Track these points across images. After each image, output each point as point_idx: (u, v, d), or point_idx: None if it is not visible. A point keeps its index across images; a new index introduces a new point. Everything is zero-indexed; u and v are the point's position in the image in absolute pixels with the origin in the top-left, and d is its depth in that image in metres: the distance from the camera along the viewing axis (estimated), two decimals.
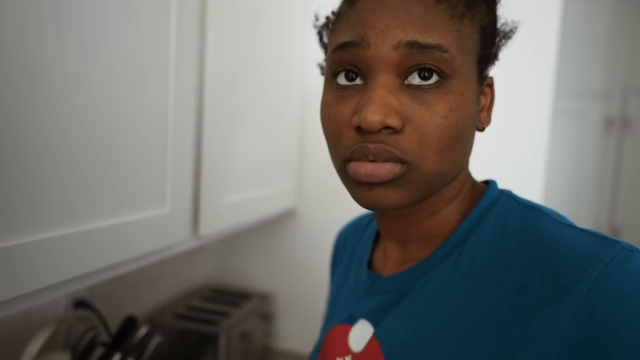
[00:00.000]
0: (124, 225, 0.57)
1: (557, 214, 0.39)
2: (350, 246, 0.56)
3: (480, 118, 0.41)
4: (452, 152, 0.36)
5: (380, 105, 0.33)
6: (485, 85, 0.42)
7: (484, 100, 0.42)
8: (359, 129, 0.35)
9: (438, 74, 0.35)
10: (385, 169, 0.34)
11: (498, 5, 0.41)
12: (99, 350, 0.69)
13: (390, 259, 0.45)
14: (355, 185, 0.37)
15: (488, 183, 0.44)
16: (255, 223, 1.01)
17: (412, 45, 0.33)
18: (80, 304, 0.88)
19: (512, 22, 0.41)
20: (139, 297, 1.09)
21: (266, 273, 1.34)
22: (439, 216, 0.41)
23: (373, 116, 0.33)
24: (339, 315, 0.50)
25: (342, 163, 0.37)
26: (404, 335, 0.39)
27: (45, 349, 0.67)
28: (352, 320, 0.46)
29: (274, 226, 1.31)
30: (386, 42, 0.34)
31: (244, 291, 1.31)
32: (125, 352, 0.67)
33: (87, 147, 0.50)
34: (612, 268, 0.32)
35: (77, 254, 0.50)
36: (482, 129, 0.41)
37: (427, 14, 0.34)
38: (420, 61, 0.34)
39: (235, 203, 0.86)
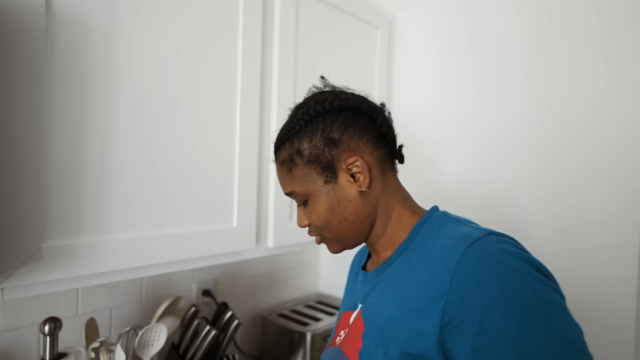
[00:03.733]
0: (198, 232, 0.87)
1: (468, 220, 0.63)
2: (357, 262, 0.80)
3: (355, 187, 0.64)
4: (339, 226, 0.65)
5: (298, 217, 0.70)
6: (347, 170, 0.63)
7: (354, 178, 0.64)
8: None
9: (303, 201, 0.66)
10: (317, 239, 0.70)
11: (303, 141, 0.64)
12: (198, 322, 1.01)
13: (373, 263, 0.72)
14: None
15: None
16: None
17: (286, 194, 0.68)
18: (206, 292, 1.24)
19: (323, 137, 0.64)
20: (258, 296, 1.41)
21: None
22: (384, 238, 0.67)
23: (298, 224, 0.70)
24: (345, 306, 0.76)
25: None
26: (374, 302, 0.64)
27: (167, 314, 1.02)
28: (354, 307, 0.70)
29: None
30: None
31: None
32: (214, 325, 0.95)
33: (175, 173, 0.83)
34: (472, 247, 0.53)
35: (159, 248, 0.82)
36: (365, 189, 0.63)
37: (282, 177, 0.67)
38: (294, 199, 0.67)
39: None
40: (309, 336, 1.25)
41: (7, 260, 0.63)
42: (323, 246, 1.63)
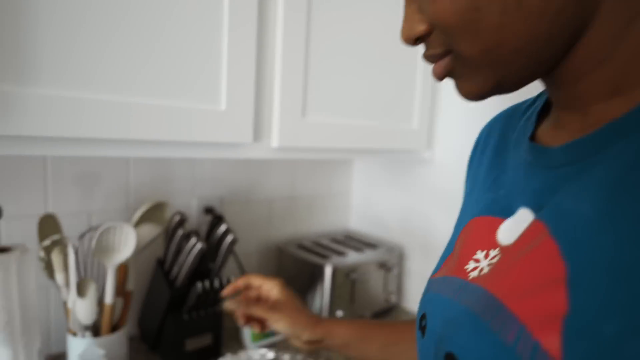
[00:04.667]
0: (176, 108, 0.65)
1: None
2: (497, 134, 0.46)
3: None
4: (499, 21, 0.30)
5: (404, 23, 0.35)
6: None
7: None
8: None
9: None
10: (439, 66, 0.35)
11: None
12: (182, 233, 0.82)
13: (564, 128, 0.35)
14: None
15: None
16: (360, 152, 0.96)
17: None
18: (209, 210, 1.05)
19: None
20: (274, 224, 1.21)
21: (400, 227, 1.24)
22: (609, 72, 0.30)
23: (402, 37, 0.36)
24: (471, 209, 0.42)
25: None
26: (588, 211, 0.28)
27: (147, 221, 0.84)
28: (504, 213, 0.37)
29: (407, 174, 1.20)
30: None
31: (374, 241, 1.25)
32: (200, 238, 0.75)
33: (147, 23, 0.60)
34: None
35: (128, 120, 0.61)
36: None
37: None
38: None
39: (325, 125, 0.85)
40: (328, 270, 1.03)
41: None
42: (357, 168, 1.38)
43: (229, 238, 0.84)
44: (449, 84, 1.09)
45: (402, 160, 1.22)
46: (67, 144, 0.58)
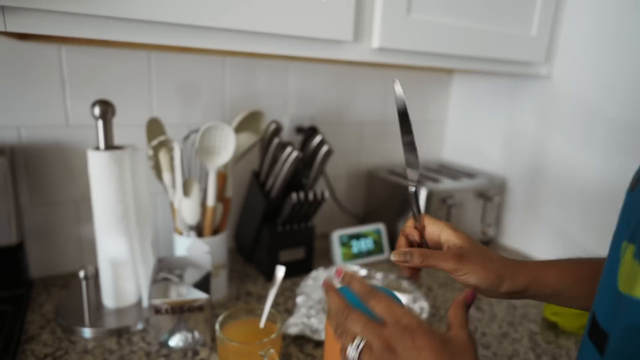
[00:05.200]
0: None
1: None
2: None
3: None
4: None
5: None
6: None
7: None
8: None
9: None
10: None
11: None
12: (277, 141, 0.80)
13: None
14: None
15: None
16: (463, 58, 0.86)
17: None
18: (300, 130, 1.03)
19: None
20: (364, 147, 1.16)
21: (503, 157, 1.12)
22: None
23: None
24: None
25: None
26: None
27: (244, 130, 0.83)
28: None
29: (516, 94, 1.07)
30: None
31: (472, 170, 1.16)
32: (295, 147, 0.73)
33: None
34: None
35: (227, 8, 0.58)
36: None
37: None
38: None
39: (431, 24, 0.76)
40: (423, 194, 0.97)
41: None
42: (456, 90, 1.26)
43: (324, 149, 0.81)
44: None
45: (511, 78, 1.08)
46: (169, 31, 0.57)
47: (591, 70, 0.90)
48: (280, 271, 0.61)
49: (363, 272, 0.84)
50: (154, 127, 0.75)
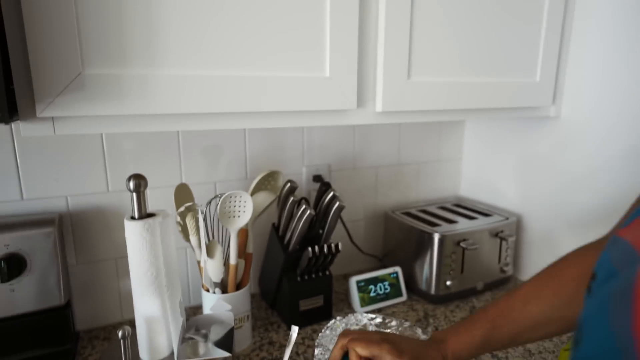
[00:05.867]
0: (285, 78, 0.67)
1: None
2: None
3: None
4: None
5: None
6: None
7: None
8: None
9: None
10: None
11: None
12: (292, 199, 0.86)
13: None
14: None
15: None
16: (470, 111, 0.89)
17: None
18: (317, 178, 1.09)
19: None
20: (380, 190, 1.21)
21: (518, 194, 1.14)
22: None
23: None
24: None
25: None
26: None
27: (263, 189, 0.90)
28: None
29: (527, 134, 1.09)
30: None
31: (487, 208, 1.18)
32: (317, 209, 0.79)
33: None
34: None
35: (247, 94, 0.65)
36: None
37: None
38: None
39: (433, 84, 0.80)
40: (436, 237, 1.00)
41: (49, 87, 0.55)
42: (469, 129, 1.29)
43: (336, 204, 0.87)
44: (578, 29, 0.94)
45: (521, 119, 1.10)
46: (194, 119, 0.65)
47: (600, 106, 0.92)
48: (294, 331, 0.66)
49: (378, 319, 0.88)
50: (182, 193, 0.83)
